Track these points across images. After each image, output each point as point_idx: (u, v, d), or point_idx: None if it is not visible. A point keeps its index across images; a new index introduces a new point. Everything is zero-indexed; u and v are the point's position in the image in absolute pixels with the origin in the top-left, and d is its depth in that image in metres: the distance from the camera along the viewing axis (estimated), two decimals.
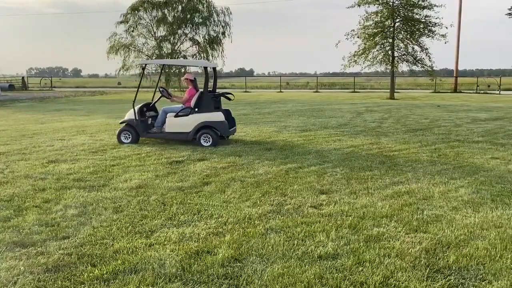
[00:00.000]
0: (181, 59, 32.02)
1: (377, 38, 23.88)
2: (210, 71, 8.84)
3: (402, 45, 24.32)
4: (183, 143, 8.21)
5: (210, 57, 33.71)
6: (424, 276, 2.98)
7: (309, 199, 4.72)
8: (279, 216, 4.18)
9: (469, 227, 3.87)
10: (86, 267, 3.11)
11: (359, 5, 24.13)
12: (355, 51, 24.51)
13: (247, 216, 4.16)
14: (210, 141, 7.96)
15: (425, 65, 24.21)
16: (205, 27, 34.04)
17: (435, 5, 23.48)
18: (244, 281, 2.91)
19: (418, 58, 24.17)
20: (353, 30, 24.58)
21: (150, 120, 8.70)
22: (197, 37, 34.49)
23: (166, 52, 33.77)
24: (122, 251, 3.37)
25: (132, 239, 3.61)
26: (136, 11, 33.31)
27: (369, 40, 23.94)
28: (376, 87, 39.34)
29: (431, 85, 34.17)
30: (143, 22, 33.83)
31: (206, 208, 4.40)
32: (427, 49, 24.01)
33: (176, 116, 8.17)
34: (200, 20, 33.87)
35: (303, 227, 3.86)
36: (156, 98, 9.15)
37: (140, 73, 11.08)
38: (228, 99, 8.95)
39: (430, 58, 24.23)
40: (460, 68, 40.17)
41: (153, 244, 3.51)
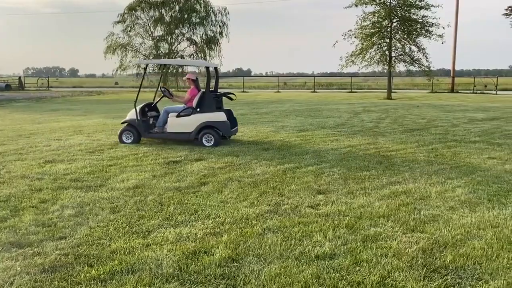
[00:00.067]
0: (183, 59, 32.06)
1: (374, 38, 23.95)
2: (212, 71, 8.84)
3: (399, 45, 24.40)
4: (180, 143, 8.20)
5: (208, 57, 33.73)
6: (421, 276, 2.98)
7: (307, 199, 4.72)
8: (277, 216, 4.18)
9: (466, 227, 3.89)
10: (83, 268, 3.10)
11: (357, 5, 24.20)
12: (353, 51, 24.59)
13: (245, 216, 4.16)
14: (212, 141, 7.94)
15: (422, 65, 24.33)
16: (203, 27, 34.09)
17: (432, 5, 23.59)
18: (241, 281, 2.91)
19: (415, 58, 24.26)
20: (351, 30, 24.67)
21: (152, 120, 8.67)
22: (195, 37, 34.55)
23: (164, 52, 33.75)
24: (119, 251, 3.36)
25: (129, 239, 3.61)
26: (133, 11, 33.29)
27: (366, 40, 23.99)
28: (374, 87, 39.43)
29: (428, 85, 34.24)
30: (140, 22, 33.84)
31: (204, 208, 4.40)
32: (424, 49, 24.14)
33: (178, 116, 8.14)
34: (198, 20, 33.89)
35: (300, 227, 3.86)
36: (158, 98, 9.14)
37: (138, 73, 11.06)
38: (230, 99, 8.95)
39: (427, 58, 24.38)
40: (457, 68, 40.30)
41: (150, 244, 3.51)
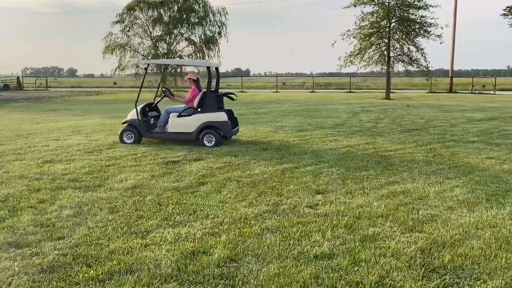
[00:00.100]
0: (185, 59, 32.03)
1: (373, 39, 23.94)
2: (213, 71, 8.84)
3: (398, 45, 24.38)
4: (179, 143, 8.20)
5: (206, 57, 33.63)
6: (420, 276, 2.99)
7: (305, 199, 4.72)
8: (275, 216, 4.18)
9: (464, 227, 3.89)
10: (81, 268, 3.10)
11: (355, 6, 24.18)
12: (351, 51, 24.56)
13: (243, 216, 4.16)
14: (213, 141, 7.93)
15: (421, 65, 24.31)
16: (201, 27, 33.98)
17: (431, 6, 23.58)
18: (240, 281, 2.91)
19: (414, 58, 24.25)
20: (349, 31, 24.64)
21: (153, 120, 8.66)
22: (193, 37, 34.42)
23: (162, 52, 33.69)
24: (118, 252, 3.36)
25: (128, 240, 3.60)
26: (132, 11, 33.19)
27: (365, 41, 23.98)
28: (372, 87, 39.43)
29: (427, 85, 34.30)
30: (139, 22, 33.70)
31: (202, 208, 4.40)
32: (423, 49, 24.13)
33: (179, 116, 8.13)
34: (196, 20, 33.80)
35: (299, 227, 3.87)
36: (158, 98, 9.13)
37: (137, 73, 11.04)
38: (231, 99, 8.95)
39: (426, 58, 24.35)
40: (456, 68, 40.39)
41: (149, 245, 3.50)
